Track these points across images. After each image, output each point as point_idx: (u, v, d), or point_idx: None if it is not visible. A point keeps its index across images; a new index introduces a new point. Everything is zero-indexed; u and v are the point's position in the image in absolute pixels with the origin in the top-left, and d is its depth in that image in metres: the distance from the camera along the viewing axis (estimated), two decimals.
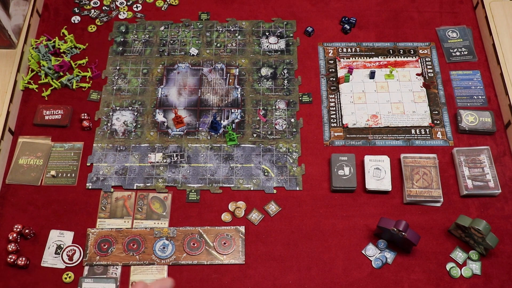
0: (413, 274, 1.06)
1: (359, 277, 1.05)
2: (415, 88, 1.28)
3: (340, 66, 1.31)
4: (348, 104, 1.26)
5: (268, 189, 1.15)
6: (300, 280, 1.05)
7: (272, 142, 1.20)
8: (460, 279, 1.05)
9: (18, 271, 1.06)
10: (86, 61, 1.32)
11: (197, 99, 1.27)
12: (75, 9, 1.41)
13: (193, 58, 1.33)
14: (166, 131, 1.22)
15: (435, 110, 1.25)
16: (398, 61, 1.32)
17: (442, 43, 1.35)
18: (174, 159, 1.18)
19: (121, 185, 1.15)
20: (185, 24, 1.38)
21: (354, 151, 1.19)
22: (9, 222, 1.11)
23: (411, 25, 1.38)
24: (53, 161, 1.18)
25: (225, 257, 1.07)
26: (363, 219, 1.12)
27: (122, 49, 1.34)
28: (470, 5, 1.41)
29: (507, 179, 1.16)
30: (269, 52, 1.34)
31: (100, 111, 1.25)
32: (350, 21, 1.37)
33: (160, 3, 1.42)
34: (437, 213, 1.12)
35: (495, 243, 1.01)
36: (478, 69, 1.31)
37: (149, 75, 1.30)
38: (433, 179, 1.13)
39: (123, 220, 1.12)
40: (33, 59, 1.30)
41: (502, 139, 1.21)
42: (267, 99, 1.26)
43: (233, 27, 1.38)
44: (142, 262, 1.07)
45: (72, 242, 1.09)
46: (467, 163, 1.15)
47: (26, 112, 1.25)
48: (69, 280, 1.05)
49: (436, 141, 1.21)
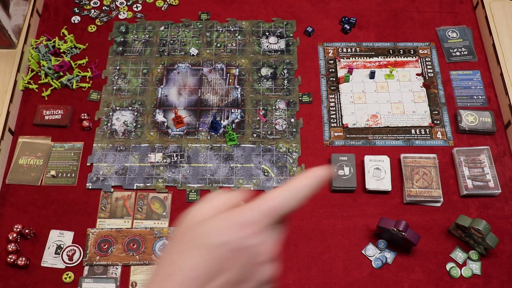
0: (413, 274, 1.06)
1: (359, 277, 1.05)
2: (415, 88, 1.28)
3: (340, 66, 1.31)
4: (348, 104, 1.26)
5: (268, 189, 1.15)
6: (300, 280, 1.05)
7: (272, 142, 1.20)
8: (460, 279, 1.05)
9: (18, 271, 1.06)
10: (86, 61, 1.32)
11: (197, 99, 1.27)
12: (75, 9, 1.41)
13: (193, 58, 1.33)
14: (166, 131, 1.22)
15: (435, 110, 1.25)
16: (398, 61, 1.32)
17: (442, 43, 1.35)
18: (174, 159, 1.18)
19: (121, 185, 1.15)
20: (185, 24, 1.38)
21: (354, 151, 1.19)
22: (9, 222, 1.11)
23: (411, 25, 1.38)
24: (53, 161, 1.18)
25: None
26: (363, 219, 1.12)
27: (122, 49, 1.34)
28: (470, 5, 1.41)
29: (507, 179, 1.16)
30: (269, 52, 1.34)
31: (100, 111, 1.25)
32: (350, 21, 1.37)
33: (160, 3, 1.42)
34: (437, 213, 1.12)
35: (495, 243, 1.01)
36: (478, 69, 1.31)
37: (149, 75, 1.30)
38: (433, 179, 1.13)
39: (123, 220, 1.12)
40: (33, 59, 1.30)
41: (502, 139, 1.21)
42: (267, 99, 1.26)
43: (233, 27, 1.38)
44: (142, 262, 1.07)
45: (72, 242, 1.09)
46: (467, 163, 1.15)
47: (26, 112, 1.25)
48: (69, 280, 1.05)
49: (436, 141, 1.21)
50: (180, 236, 0.44)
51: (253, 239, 0.43)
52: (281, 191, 0.45)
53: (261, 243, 0.44)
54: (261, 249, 0.44)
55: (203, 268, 0.41)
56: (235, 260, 0.42)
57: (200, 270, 0.41)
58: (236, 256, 0.42)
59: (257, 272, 0.44)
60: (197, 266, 0.41)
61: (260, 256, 0.44)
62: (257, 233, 0.43)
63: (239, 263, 0.42)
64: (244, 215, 0.43)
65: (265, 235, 0.44)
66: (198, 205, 0.46)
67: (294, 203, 0.45)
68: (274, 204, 0.44)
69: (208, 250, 0.42)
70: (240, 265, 0.42)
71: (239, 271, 0.42)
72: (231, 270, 0.42)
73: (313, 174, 0.46)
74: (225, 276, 0.42)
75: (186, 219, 0.45)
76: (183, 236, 0.44)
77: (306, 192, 0.46)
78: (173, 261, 0.42)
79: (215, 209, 0.45)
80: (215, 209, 0.45)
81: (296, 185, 0.46)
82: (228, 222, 0.43)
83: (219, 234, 0.42)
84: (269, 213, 0.44)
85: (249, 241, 0.43)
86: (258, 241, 0.43)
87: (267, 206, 0.44)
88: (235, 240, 0.42)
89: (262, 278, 0.45)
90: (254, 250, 0.43)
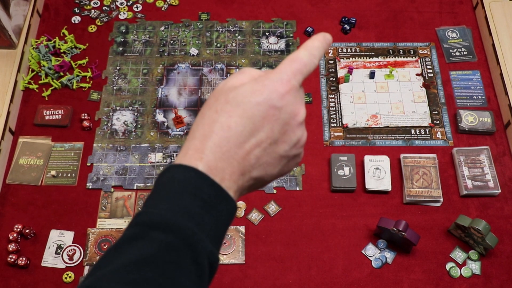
0: (413, 274, 1.06)
1: (359, 277, 1.05)
2: (415, 88, 1.28)
3: (340, 66, 1.31)
4: (348, 104, 1.26)
5: (268, 189, 1.15)
6: (300, 280, 1.05)
7: None
8: (460, 279, 1.05)
9: (18, 271, 1.06)
10: (86, 61, 1.32)
11: (197, 99, 1.27)
12: (75, 9, 1.41)
13: (193, 58, 1.33)
14: (166, 131, 1.22)
15: (434, 110, 1.25)
16: (398, 61, 1.32)
17: (441, 43, 1.35)
18: (174, 159, 1.19)
19: (121, 185, 1.15)
20: (185, 24, 1.38)
21: (354, 151, 1.19)
22: (10, 222, 1.11)
23: (411, 25, 1.38)
24: (53, 161, 1.18)
25: (225, 257, 1.07)
26: (363, 219, 1.12)
27: (122, 49, 1.34)
28: (469, 5, 1.42)
29: (507, 179, 1.16)
30: (269, 52, 1.34)
31: (100, 111, 1.25)
32: (350, 21, 1.37)
33: (160, 3, 1.42)
34: (437, 213, 1.12)
35: (495, 243, 1.02)
36: (478, 69, 1.31)
37: (149, 75, 1.30)
38: (433, 179, 1.13)
39: (123, 220, 1.12)
40: (33, 59, 1.30)
41: (502, 139, 1.21)
42: None
43: (233, 27, 1.38)
44: None
45: (73, 242, 1.09)
46: (467, 163, 1.15)
47: (27, 112, 1.25)
48: (70, 280, 1.05)
49: (436, 141, 1.21)
50: (216, 98, 0.45)
51: (289, 97, 0.44)
52: (301, 53, 0.46)
53: (296, 102, 0.44)
54: (296, 109, 0.44)
55: (242, 126, 0.42)
56: (272, 118, 0.43)
57: (239, 128, 0.42)
58: (274, 114, 0.43)
59: (292, 133, 0.45)
60: (236, 124, 0.42)
61: (295, 116, 0.44)
62: (291, 91, 0.44)
63: (275, 122, 0.43)
64: (277, 74, 0.44)
65: (298, 94, 0.45)
66: (233, 75, 0.47)
67: (315, 62, 0.46)
68: (300, 64, 0.45)
69: (246, 109, 0.43)
70: (276, 123, 0.43)
71: (276, 129, 0.44)
72: (268, 128, 0.43)
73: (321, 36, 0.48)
74: (263, 134, 0.43)
75: (221, 85, 0.46)
76: (219, 97, 0.44)
77: (321, 52, 0.47)
78: (211, 121, 0.43)
79: (250, 77, 0.46)
80: (249, 77, 0.46)
81: (311, 46, 0.47)
82: (263, 83, 0.44)
83: (256, 93, 0.43)
84: (296, 71, 0.45)
85: (286, 98, 0.43)
86: (294, 100, 0.44)
87: (294, 66, 0.45)
88: (272, 98, 0.43)
89: (296, 140, 0.46)
90: (290, 109, 0.44)
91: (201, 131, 0.43)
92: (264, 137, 0.43)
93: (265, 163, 0.45)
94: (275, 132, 0.44)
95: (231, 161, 0.43)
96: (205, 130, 0.43)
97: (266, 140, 0.44)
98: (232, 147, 0.42)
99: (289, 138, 0.45)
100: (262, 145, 0.44)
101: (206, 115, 0.44)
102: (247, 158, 0.43)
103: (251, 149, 0.43)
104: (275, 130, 0.44)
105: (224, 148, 0.42)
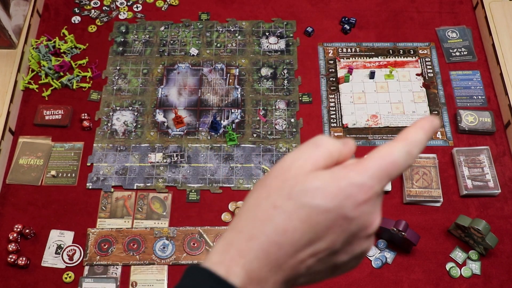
0: (413, 274, 1.06)
1: (359, 277, 1.05)
2: (415, 88, 1.28)
3: (340, 66, 1.31)
4: (348, 104, 1.26)
5: None
6: None
7: (272, 142, 1.21)
8: (460, 279, 1.05)
9: (18, 271, 1.06)
10: (86, 61, 1.32)
11: (197, 99, 1.27)
12: (75, 9, 1.41)
13: (193, 58, 1.33)
14: (166, 131, 1.22)
15: (434, 110, 1.25)
16: (398, 61, 1.32)
17: (441, 43, 1.35)
18: (174, 159, 1.19)
19: (121, 185, 1.15)
20: (185, 24, 1.38)
21: None
22: (10, 222, 1.11)
23: (411, 25, 1.38)
24: (53, 161, 1.18)
25: None
26: None
27: (122, 49, 1.34)
28: (470, 5, 1.42)
29: (507, 179, 1.16)
30: (269, 52, 1.34)
31: (100, 111, 1.25)
32: (350, 21, 1.37)
33: (160, 3, 1.42)
34: (437, 213, 1.12)
35: (495, 243, 1.02)
36: (478, 69, 1.31)
37: (149, 75, 1.30)
38: (433, 179, 1.13)
39: (123, 220, 1.12)
40: (33, 59, 1.30)
41: (502, 139, 1.21)
42: (267, 99, 1.26)
43: (233, 27, 1.38)
44: (142, 262, 1.07)
45: (72, 242, 1.09)
46: (467, 163, 1.15)
47: (27, 112, 1.25)
48: (70, 280, 1.05)
49: (435, 141, 1.21)
50: (278, 185, 0.36)
51: (365, 207, 0.36)
52: (396, 149, 0.37)
53: (372, 212, 0.37)
54: (370, 219, 0.37)
55: (300, 234, 0.35)
56: (339, 229, 0.36)
57: (297, 235, 0.35)
58: (342, 225, 0.35)
59: (357, 245, 0.38)
60: (294, 230, 0.35)
61: (366, 228, 0.37)
62: (370, 200, 0.36)
63: (342, 233, 0.36)
64: (359, 176, 0.36)
65: (377, 201, 0.37)
66: (305, 147, 0.38)
67: (409, 161, 0.37)
68: (391, 165, 0.36)
69: (312, 214, 0.35)
70: (343, 234, 0.36)
71: (340, 241, 0.36)
72: (331, 239, 0.36)
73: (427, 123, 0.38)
74: (323, 244, 0.36)
75: (283, 165, 0.37)
76: (282, 186, 0.36)
77: (422, 147, 0.38)
78: (265, 218, 0.35)
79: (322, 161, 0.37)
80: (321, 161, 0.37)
81: (413, 139, 0.37)
82: (338, 184, 0.35)
83: (328, 197, 0.35)
84: (384, 174, 0.36)
85: (361, 209, 0.36)
86: (371, 209, 0.36)
87: (384, 167, 0.36)
88: (346, 206, 0.35)
89: (360, 253, 0.38)
90: (364, 219, 0.36)
91: (251, 227, 0.36)
92: (323, 247, 0.36)
93: (315, 272, 0.37)
94: (338, 243, 0.36)
95: (277, 270, 0.35)
96: (256, 226, 0.35)
97: (325, 251, 0.36)
98: (282, 256, 0.35)
99: (351, 250, 0.37)
100: (318, 256, 0.36)
101: (262, 205, 0.36)
102: (297, 267, 0.36)
103: (304, 259, 0.36)
104: (339, 242, 0.36)
105: (273, 256, 0.35)
